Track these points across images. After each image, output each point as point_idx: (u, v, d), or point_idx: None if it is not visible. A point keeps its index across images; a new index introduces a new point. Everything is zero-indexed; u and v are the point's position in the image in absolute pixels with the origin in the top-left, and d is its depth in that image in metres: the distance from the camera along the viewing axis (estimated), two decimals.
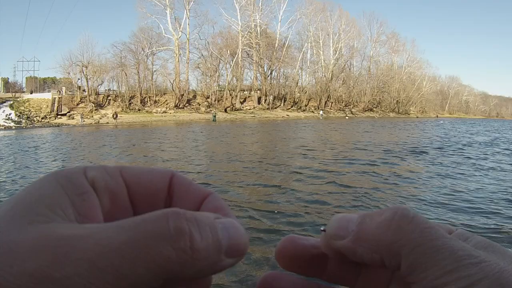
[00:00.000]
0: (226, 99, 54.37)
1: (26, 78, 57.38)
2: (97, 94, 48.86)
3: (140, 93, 49.99)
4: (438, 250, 0.20)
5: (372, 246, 0.21)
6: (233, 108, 54.04)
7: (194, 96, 55.02)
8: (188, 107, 52.35)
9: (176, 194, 0.24)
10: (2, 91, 51.49)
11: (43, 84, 57.16)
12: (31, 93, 49.20)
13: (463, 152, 13.48)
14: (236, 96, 55.95)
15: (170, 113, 48.93)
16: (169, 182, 0.24)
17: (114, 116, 39.95)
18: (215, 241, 0.19)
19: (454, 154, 12.81)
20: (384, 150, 13.44)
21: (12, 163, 11.05)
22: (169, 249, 0.17)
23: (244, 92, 59.40)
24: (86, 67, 47.75)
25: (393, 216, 0.21)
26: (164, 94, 52.66)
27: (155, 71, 52.85)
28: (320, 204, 5.82)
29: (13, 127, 36.77)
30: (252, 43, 56.52)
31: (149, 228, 0.18)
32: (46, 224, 0.18)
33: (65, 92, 47.88)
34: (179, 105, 51.37)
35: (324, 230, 0.24)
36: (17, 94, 46.81)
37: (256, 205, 5.79)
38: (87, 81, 47.60)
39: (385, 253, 0.21)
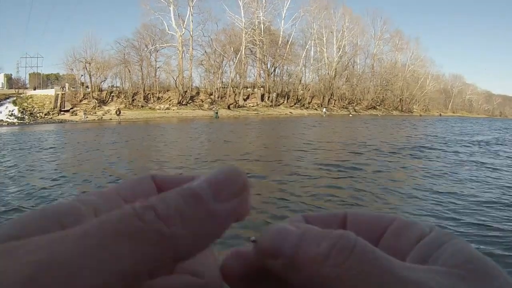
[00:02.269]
0: (229, 96, 54.19)
1: (29, 74, 57.38)
2: (100, 90, 48.75)
3: (143, 90, 49.87)
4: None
5: (307, 276, 0.18)
6: (236, 105, 53.87)
7: (198, 93, 54.87)
8: (191, 104, 52.18)
9: (163, 191, 0.24)
10: (5, 87, 51.44)
11: (46, 81, 57.15)
12: (34, 89, 49.16)
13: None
14: (240, 93, 55.77)
15: (173, 109, 48.80)
16: (154, 185, 0.24)
17: (117, 112, 39.84)
18: (189, 198, 0.18)
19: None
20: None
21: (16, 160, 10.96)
22: (140, 223, 0.17)
23: (247, 89, 59.17)
24: (89, 63, 47.65)
25: (330, 249, 0.18)
26: (167, 90, 52.51)
27: (158, 67, 52.78)
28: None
29: (16, 123, 36.74)
30: (256, 40, 56.29)
31: (115, 212, 0.17)
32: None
33: (68, 88, 47.80)
34: (182, 101, 51.23)
35: (254, 241, 0.20)
36: (20, 90, 46.75)
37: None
38: (90, 78, 47.57)
39: (321, 286, 0.18)
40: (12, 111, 40.65)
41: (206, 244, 0.18)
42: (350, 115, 58.14)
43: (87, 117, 40.06)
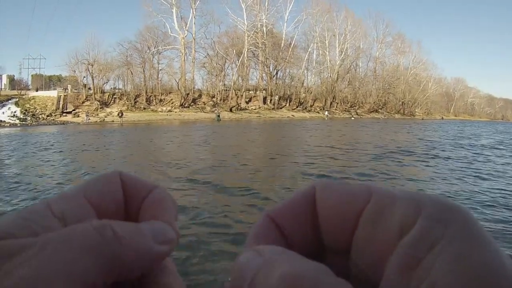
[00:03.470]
0: (232, 98, 54.12)
1: (31, 75, 57.37)
2: (103, 92, 48.72)
3: (146, 92, 49.82)
4: None
5: None
6: (239, 107, 53.80)
7: (200, 96, 54.82)
8: (194, 106, 52.13)
9: (127, 192, 0.25)
10: (7, 89, 51.47)
11: (49, 82, 57.13)
12: (37, 90, 49.16)
13: None
14: (242, 95, 55.71)
15: (176, 112, 48.75)
16: (121, 183, 0.25)
17: (120, 114, 39.82)
18: (138, 231, 0.21)
19: None
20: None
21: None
22: (100, 239, 0.19)
23: (250, 92, 59.13)
24: (92, 65, 47.63)
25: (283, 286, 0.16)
26: (170, 93, 52.48)
27: (160, 70, 52.69)
28: None
29: (18, 125, 36.69)
30: (258, 43, 56.28)
31: (77, 229, 0.19)
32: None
33: (71, 90, 47.79)
34: (185, 104, 51.18)
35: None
36: (23, 92, 46.70)
37: None
38: (93, 79, 47.52)
39: None
40: (15, 112, 40.61)
41: (143, 269, 0.21)
42: (352, 118, 58.03)
43: (89, 119, 40.00)
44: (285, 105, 60.11)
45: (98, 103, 45.36)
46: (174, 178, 7.75)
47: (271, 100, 57.92)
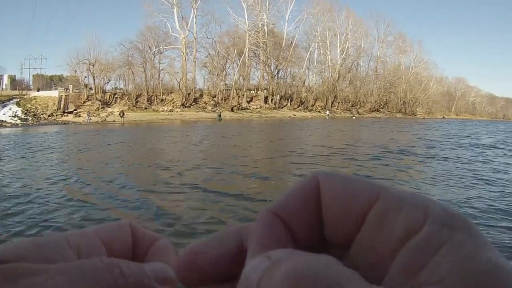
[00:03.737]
0: (233, 98, 54.11)
1: (33, 75, 57.48)
2: (104, 92, 48.75)
3: (147, 92, 49.84)
4: None
5: None
6: (240, 107, 53.79)
7: (201, 95, 54.82)
8: (195, 106, 52.14)
9: (135, 241, 0.28)
10: (9, 89, 51.53)
11: (50, 82, 57.19)
12: (38, 90, 49.18)
13: None
14: (243, 95, 55.71)
15: (177, 111, 48.76)
16: (130, 230, 0.28)
17: (121, 114, 39.82)
18: (141, 271, 0.22)
19: None
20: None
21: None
22: (109, 276, 0.20)
23: (251, 92, 59.11)
24: (93, 65, 47.66)
25: (286, 283, 0.16)
26: (171, 92, 52.49)
27: (162, 69, 52.70)
28: None
29: (20, 125, 36.71)
30: (259, 43, 56.23)
31: (88, 263, 0.21)
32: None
33: (72, 90, 47.81)
34: (186, 104, 51.19)
35: None
36: (24, 92, 46.73)
37: None
38: (94, 79, 47.53)
39: None
40: (16, 112, 40.64)
41: None
42: (354, 117, 57.95)
43: (90, 119, 40.03)
44: (286, 104, 60.09)
45: (100, 103, 45.37)
46: (180, 182, 7.72)
47: (272, 99, 57.90)
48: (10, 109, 40.93)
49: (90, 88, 47.66)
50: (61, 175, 8.23)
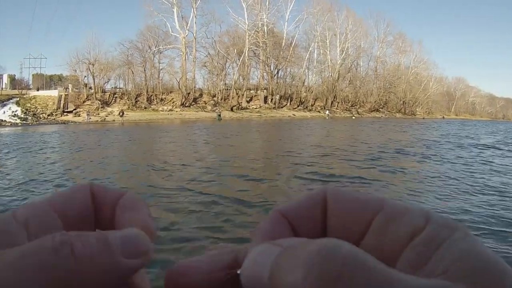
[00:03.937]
0: (233, 98, 54.14)
1: (32, 75, 57.42)
2: (104, 91, 48.80)
3: (147, 91, 49.88)
4: None
5: None
6: (239, 107, 53.82)
7: (201, 95, 54.85)
8: (195, 105, 52.18)
9: (97, 201, 0.26)
10: (8, 88, 51.50)
11: (50, 81, 57.20)
12: (38, 90, 49.22)
13: None
14: (243, 95, 55.74)
15: (177, 111, 48.81)
16: (91, 195, 0.26)
17: (121, 114, 39.89)
18: (102, 246, 0.20)
19: None
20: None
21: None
22: (54, 257, 0.18)
23: (251, 91, 59.14)
24: (93, 64, 47.70)
25: (306, 275, 0.15)
26: (171, 92, 52.53)
27: (161, 69, 52.76)
28: None
29: (19, 124, 36.74)
30: (259, 42, 56.27)
31: (37, 243, 0.19)
32: None
33: (72, 89, 47.86)
34: (186, 103, 51.22)
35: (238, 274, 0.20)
36: (24, 91, 46.78)
37: None
38: (94, 79, 47.58)
39: None
40: (15, 111, 40.68)
41: (110, 285, 0.20)
42: (353, 117, 57.98)
43: (90, 118, 40.08)
44: (286, 104, 60.11)
45: (99, 102, 45.41)
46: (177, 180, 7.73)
47: (272, 99, 57.94)
48: (9, 108, 40.99)
49: (90, 88, 47.70)
50: (52, 175, 8.20)
